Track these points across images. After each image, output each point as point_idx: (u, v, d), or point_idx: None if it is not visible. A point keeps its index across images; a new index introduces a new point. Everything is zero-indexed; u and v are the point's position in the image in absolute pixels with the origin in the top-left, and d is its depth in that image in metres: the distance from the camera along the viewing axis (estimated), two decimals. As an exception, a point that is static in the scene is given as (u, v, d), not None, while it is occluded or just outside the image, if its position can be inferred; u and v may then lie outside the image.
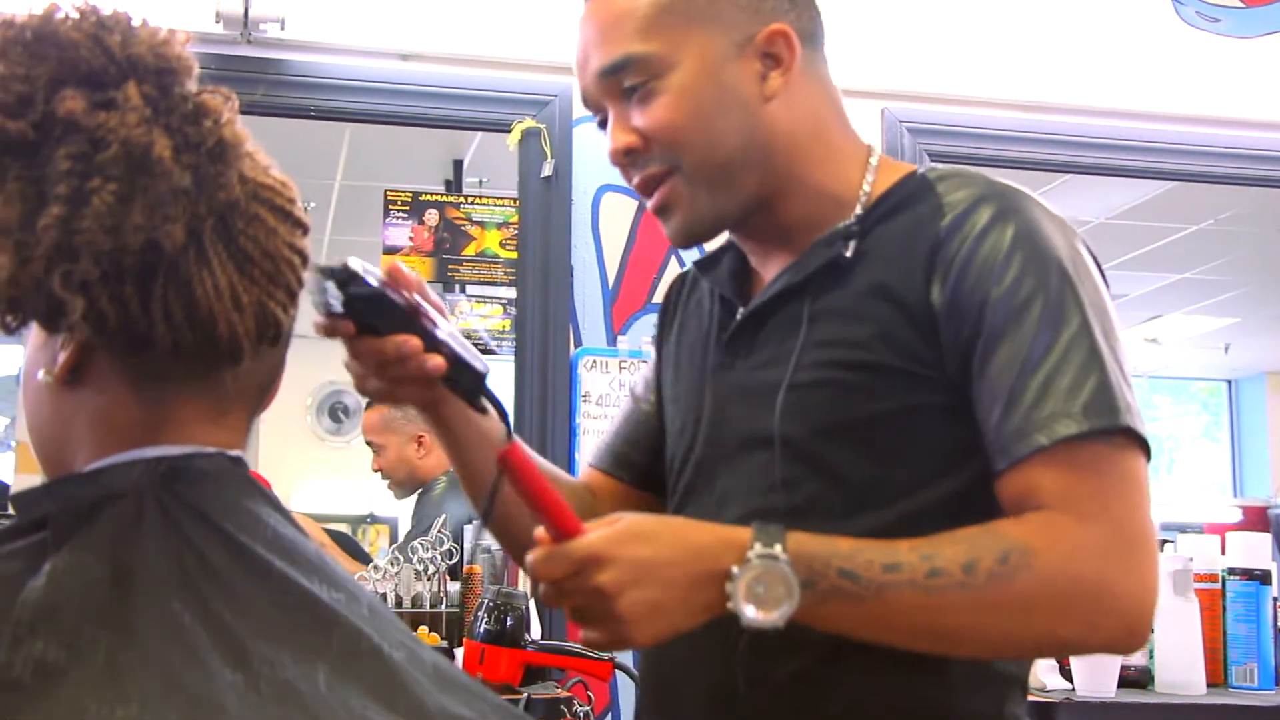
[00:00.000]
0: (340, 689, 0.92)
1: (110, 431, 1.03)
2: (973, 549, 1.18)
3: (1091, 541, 1.18)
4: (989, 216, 1.29)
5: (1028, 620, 1.18)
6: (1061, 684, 2.69)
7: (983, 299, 1.26)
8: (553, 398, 3.07)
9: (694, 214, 1.37)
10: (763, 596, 1.15)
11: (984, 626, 1.19)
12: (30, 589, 0.91)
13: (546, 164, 3.10)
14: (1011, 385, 1.23)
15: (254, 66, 2.99)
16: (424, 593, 2.92)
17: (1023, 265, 1.26)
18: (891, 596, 1.16)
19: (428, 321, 1.25)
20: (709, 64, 1.34)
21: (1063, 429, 1.20)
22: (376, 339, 1.23)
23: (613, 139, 1.38)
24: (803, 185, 1.39)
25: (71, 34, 0.97)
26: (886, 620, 1.18)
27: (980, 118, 3.39)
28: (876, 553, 1.18)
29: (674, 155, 1.35)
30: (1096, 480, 1.20)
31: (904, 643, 1.21)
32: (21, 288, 0.95)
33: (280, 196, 1.05)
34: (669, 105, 1.34)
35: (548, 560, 1.16)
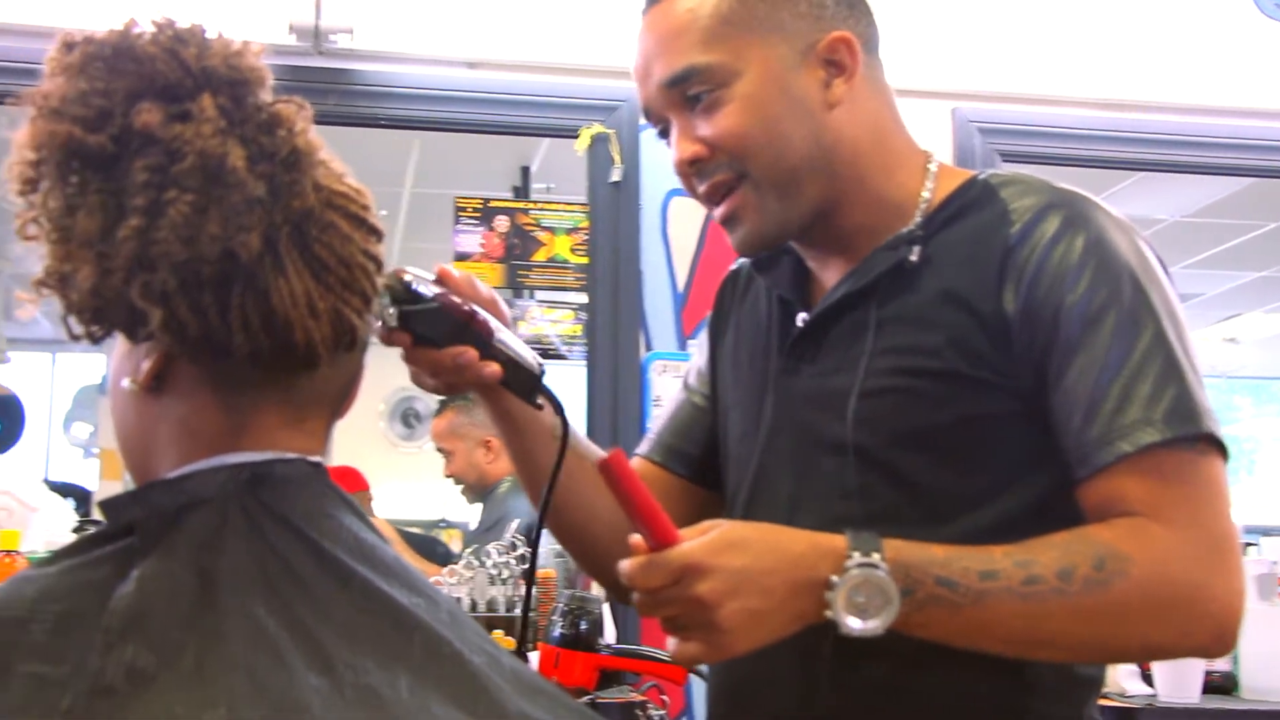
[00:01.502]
0: (422, 694, 0.93)
1: (193, 438, 1.04)
2: (1067, 555, 1.17)
3: (1182, 548, 1.18)
4: (1058, 224, 1.28)
5: (1122, 626, 1.18)
6: (1143, 689, 2.66)
7: (1056, 308, 1.25)
8: (624, 402, 3.07)
9: (762, 222, 1.36)
10: (862, 605, 1.15)
11: (1079, 633, 1.18)
12: (120, 595, 0.92)
13: (615, 169, 3.10)
14: (1091, 394, 1.22)
15: (325, 77, 3.02)
16: (499, 597, 2.93)
17: (1094, 274, 1.25)
18: (989, 604, 1.16)
19: (482, 327, 1.27)
20: (773, 72, 1.34)
21: (1146, 436, 1.19)
22: (433, 350, 1.25)
23: (678, 149, 1.37)
24: (864, 191, 1.38)
25: (148, 48, 0.98)
26: (983, 627, 1.18)
27: (1052, 116, 3.35)
28: (973, 560, 1.18)
29: (741, 163, 1.34)
30: (1181, 487, 1.20)
31: (998, 649, 1.20)
32: (104, 299, 0.96)
33: (354, 204, 1.06)
34: (736, 113, 1.33)
35: (645, 569, 1.16)
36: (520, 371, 1.31)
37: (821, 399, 1.36)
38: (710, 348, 1.61)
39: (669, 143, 1.39)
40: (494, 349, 1.28)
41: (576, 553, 1.58)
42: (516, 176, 4.78)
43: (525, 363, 1.31)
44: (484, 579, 2.93)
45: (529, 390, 1.33)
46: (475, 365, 1.26)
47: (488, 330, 1.28)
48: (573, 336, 3.22)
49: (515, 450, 1.47)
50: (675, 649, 1.19)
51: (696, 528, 1.18)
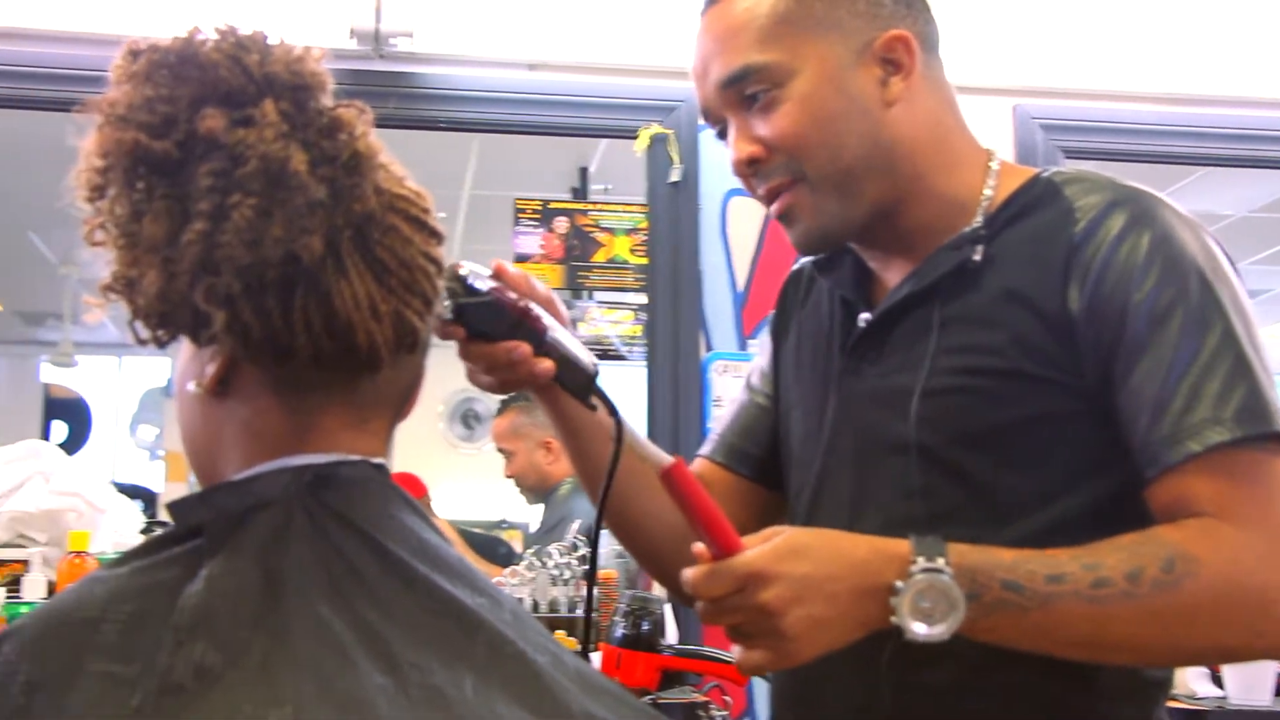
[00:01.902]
0: (486, 693, 0.93)
1: (258, 440, 1.05)
2: (1136, 557, 1.16)
3: (1252, 549, 1.16)
4: (1124, 222, 1.27)
5: (1192, 628, 1.17)
6: (1213, 691, 2.63)
7: (1122, 306, 1.24)
8: (685, 403, 3.07)
9: (818, 221, 1.36)
10: (928, 610, 1.14)
11: (1148, 635, 1.17)
12: (188, 594, 0.93)
13: (674, 169, 3.10)
14: (1158, 393, 1.21)
15: (386, 80, 3.03)
16: (560, 597, 2.94)
17: (1161, 272, 1.24)
18: (1056, 607, 1.15)
19: (536, 323, 1.27)
20: (830, 71, 1.34)
21: (1215, 435, 1.18)
22: (487, 344, 1.26)
23: (735, 149, 1.37)
24: (925, 191, 1.38)
25: (212, 55, 0.99)
26: (1050, 631, 1.17)
27: (1115, 112, 3.32)
28: (1039, 563, 1.17)
29: (798, 163, 1.34)
30: (1251, 487, 1.18)
31: (1065, 652, 1.19)
32: (169, 302, 0.97)
33: (415, 206, 1.07)
34: (792, 113, 1.33)
35: (709, 578, 1.16)
36: (574, 370, 1.31)
37: (884, 399, 1.36)
38: (773, 348, 1.60)
39: (727, 143, 1.39)
40: (548, 346, 1.28)
41: (636, 553, 1.58)
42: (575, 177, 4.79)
43: (579, 362, 1.31)
44: (545, 580, 2.94)
45: (583, 390, 1.33)
46: (528, 361, 1.27)
47: (542, 327, 1.28)
48: (633, 337, 3.22)
49: (573, 450, 1.48)
50: (740, 657, 1.19)
51: (759, 535, 1.18)
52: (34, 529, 2.65)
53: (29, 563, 2.50)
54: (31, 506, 2.65)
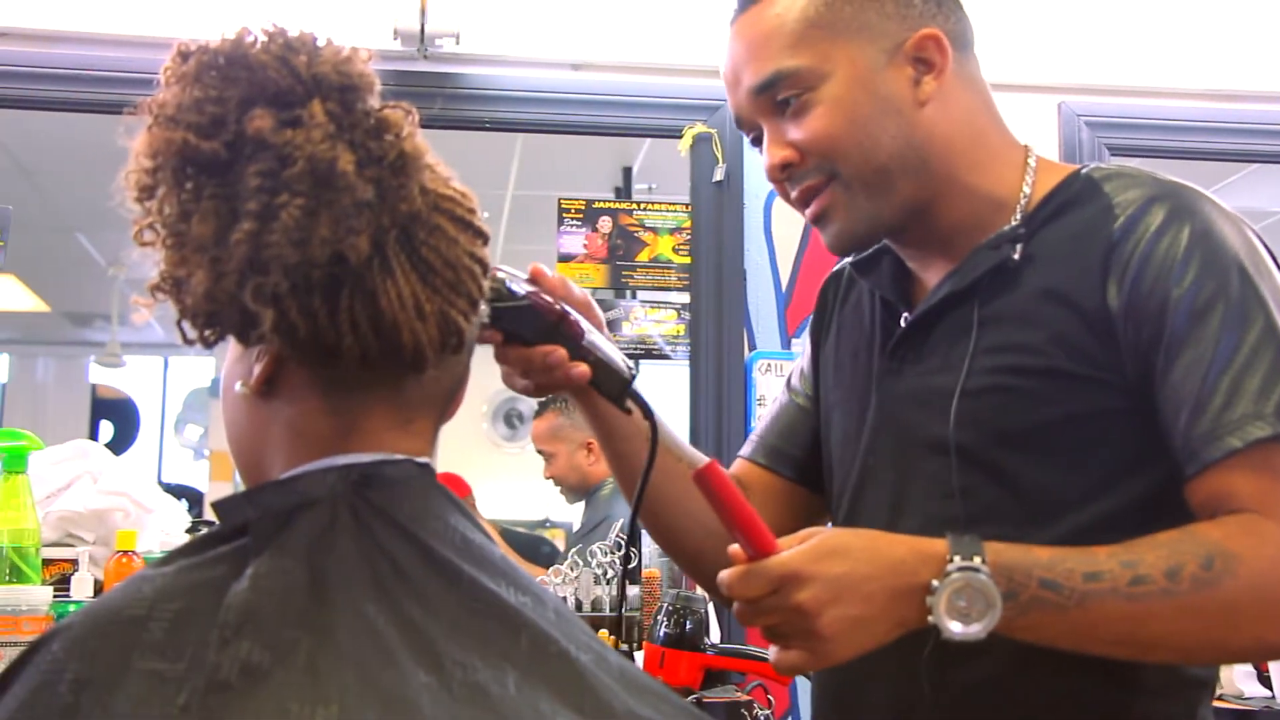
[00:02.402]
0: (530, 692, 0.93)
1: (303, 440, 1.05)
2: (1175, 554, 1.15)
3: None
4: (1163, 216, 1.26)
5: (1233, 626, 1.16)
6: (1261, 691, 2.60)
7: (1162, 301, 1.23)
8: (728, 402, 3.07)
9: (852, 221, 1.36)
10: (964, 609, 1.14)
11: (1188, 633, 1.16)
12: (234, 593, 0.94)
13: (718, 169, 3.10)
14: (1199, 389, 1.20)
15: (431, 81, 3.04)
16: (603, 596, 2.94)
17: (1201, 266, 1.23)
18: (1094, 606, 1.14)
19: (573, 327, 1.28)
20: (861, 72, 1.34)
21: (1256, 431, 1.17)
22: (524, 348, 1.27)
23: (769, 154, 1.38)
24: (961, 189, 1.37)
25: (260, 56, 1.00)
26: (1088, 629, 1.16)
27: (1161, 109, 3.29)
28: (1077, 561, 1.16)
29: (831, 164, 1.35)
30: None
31: (1104, 651, 1.19)
32: (217, 302, 0.98)
33: (460, 207, 1.07)
34: (824, 115, 1.34)
35: (745, 579, 1.16)
36: (610, 374, 1.31)
37: (924, 398, 1.36)
38: (813, 349, 1.60)
39: (761, 149, 1.40)
40: (583, 350, 1.29)
41: (675, 554, 1.58)
42: (618, 177, 4.79)
43: (615, 365, 1.32)
44: (589, 579, 2.95)
45: (618, 394, 1.33)
46: (564, 365, 1.27)
47: (578, 330, 1.29)
48: (676, 336, 3.21)
49: (610, 453, 1.49)
50: (776, 658, 1.19)
51: (795, 536, 1.18)
52: (82, 528, 2.67)
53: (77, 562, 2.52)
54: (79, 506, 2.67)
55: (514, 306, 1.23)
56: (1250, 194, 4.86)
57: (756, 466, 1.60)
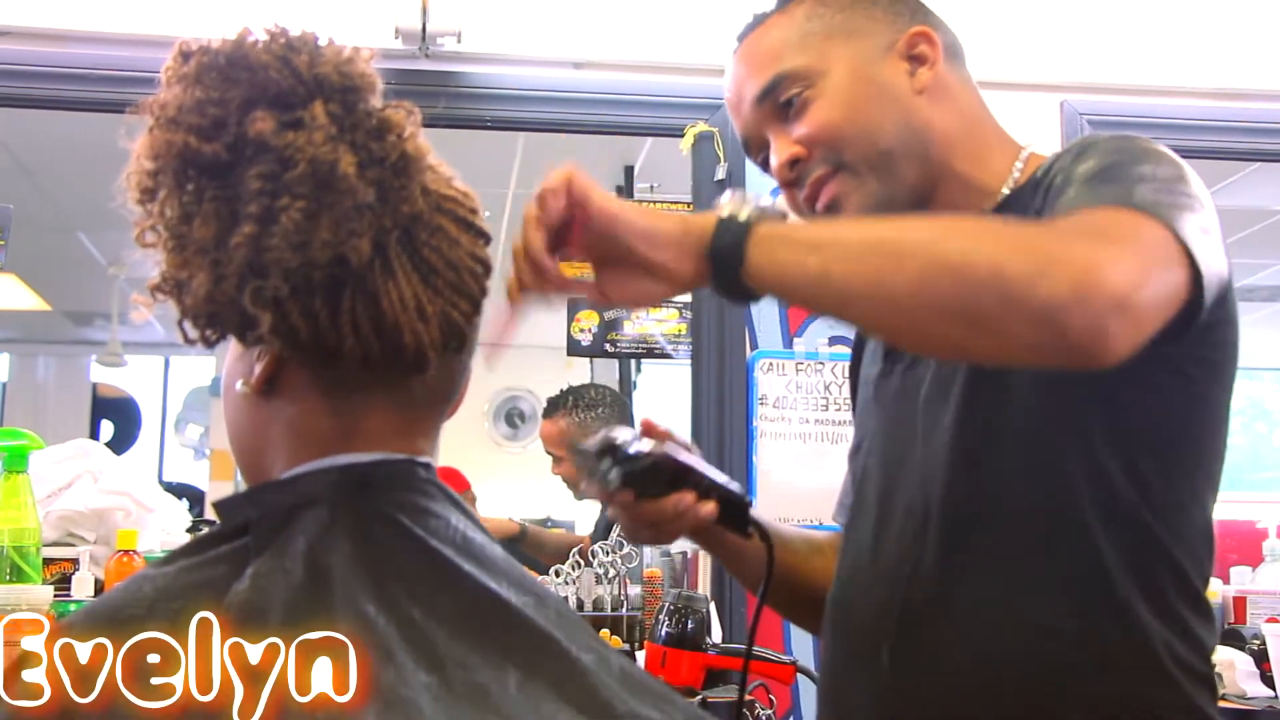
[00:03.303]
0: (531, 691, 0.93)
1: (304, 440, 1.05)
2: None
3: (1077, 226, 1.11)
4: (1085, 141, 1.30)
5: (976, 243, 1.07)
6: (1264, 691, 2.61)
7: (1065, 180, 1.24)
8: (730, 401, 3.06)
9: (863, 204, 1.37)
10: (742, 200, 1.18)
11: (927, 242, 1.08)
12: (235, 592, 0.94)
13: (720, 167, 3.10)
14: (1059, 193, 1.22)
15: (433, 80, 3.04)
16: (605, 596, 2.94)
17: (1104, 148, 1.25)
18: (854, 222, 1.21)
19: (693, 474, 1.33)
20: (858, 65, 1.38)
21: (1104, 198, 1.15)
22: (656, 501, 1.31)
23: (776, 155, 1.40)
24: (958, 180, 1.40)
25: (262, 56, 1.00)
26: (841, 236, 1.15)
27: (1163, 107, 3.29)
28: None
29: (837, 154, 1.37)
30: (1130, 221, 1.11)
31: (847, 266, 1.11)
32: (217, 304, 0.98)
33: (462, 207, 1.07)
34: (826, 106, 1.37)
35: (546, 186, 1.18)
36: (732, 506, 1.37)
37: (906, 393, 1.40)
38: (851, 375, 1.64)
39: (771, 169, 1.42)
40: (709, 488, 1.34)
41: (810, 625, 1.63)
42: (620, 176, 4.79)
43: (735, 496, 1.37)
44: (590, 578, 2.95)
45: (742, 523, 1.39)
46: (695, 509, 1.32)
47: (699, 475, 1.34)
48: (678, 335, 3.22)
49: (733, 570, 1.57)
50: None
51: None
52: (83, 528, 2.67)
53: (78, 561, 2.52)
54: (80, 505, 2.67)
55: (644, 468, 1.29)
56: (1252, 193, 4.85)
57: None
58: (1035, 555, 1.27)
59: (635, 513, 1.33)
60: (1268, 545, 3.35)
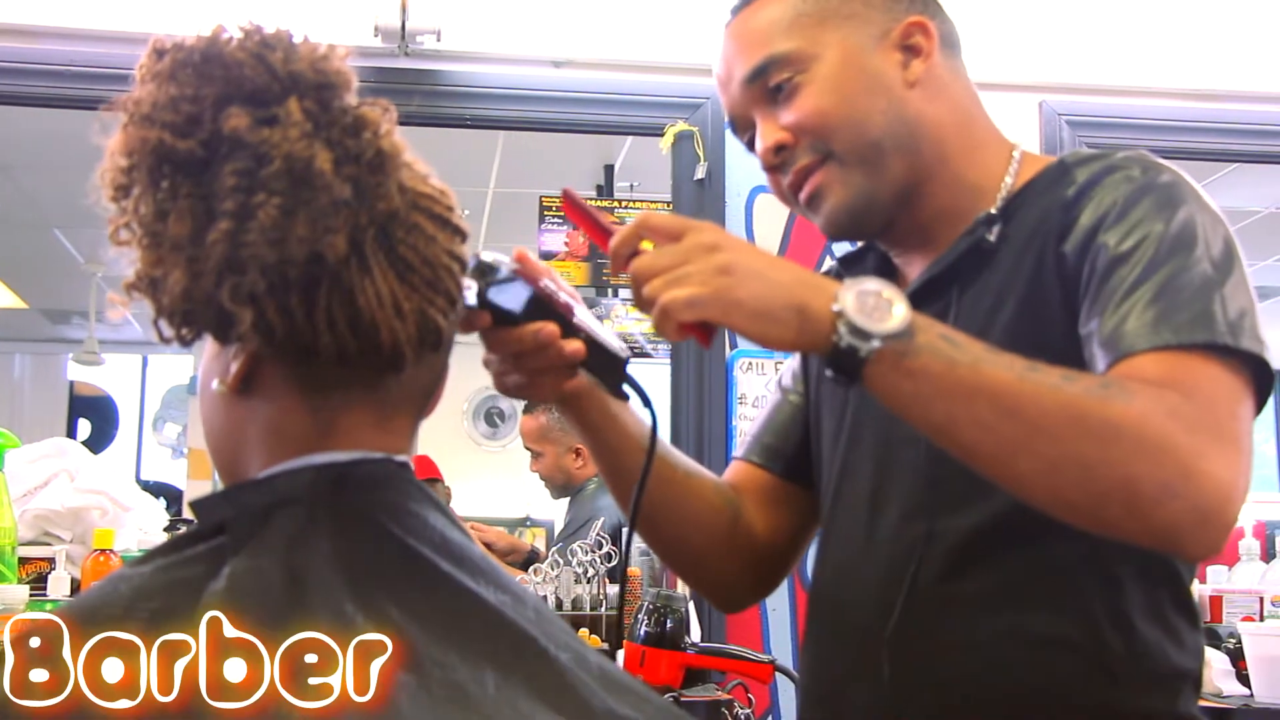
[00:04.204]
0: (509, 691, 0.93)
1: (281, 438, 1.05)
2: (1078, 374, 1.14)
3: (1192, 414, 1.11)
4: (1120, 175, 1.28)
5: (1109, 448, 1.10)
6: (1239, 689, 2.62)
7: (1104, 241, 1.24)
8: (709, 400, 3.07)
9: (847, 199, 1.36)
10: (869, 306, 1.11)
11: (1066, 433, 1.10)
12: (211, 591, 0.93)
13: (699, 166, 3.10)
14: (1119, 302, 1.19)
15: (411, 78, 3.04)
16: (584, 595, 2.94)
17: (1148, 204, 1.24)
18: (984, 371, 1.11)
19: (563, 307, 1.22)
20: (851, 53, 1.36)
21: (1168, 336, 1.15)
22: (513, 329, 1.20)
23: (762, 139, 1.38)
24: (948, 175, 1.38)
25: (237, 54, 0.99)
26: (970, 395, 1.11)
27: (1142, 108, 3.30)
28: (982, 344, 1.14)
29: (824, 142, 1.35)
30: (1201, 375, 1.14)
31: (972, 433, 1.13)
32: (194, 301, 0.97)
33: (439, 205, 1.07)
34: (815, 93, 1.35)
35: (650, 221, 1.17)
36: (604, 355, 1.25)
37: None
38: None
39: (757, 150, 1.40)
40: (575, 327, 1.22)
41: (673, 560, 1.57)
42: (600, 175, 4.80)
43: (610, 346, 1.25)
44: (569, 577, 2.95)
45: (614, 376, 1.27)
46: (556, 343, 1.20)
47: (568, 309, 1.23)
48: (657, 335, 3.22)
49: (602, 465, 1.45)
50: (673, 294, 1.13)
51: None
52: (59, 527, 2.66)
53: (54, 560, 2.51)
54: (57, 504, 2.66)
55: (501, 281, 1.18)
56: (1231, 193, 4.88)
57: (751, 465, 1.59)
58: (1037, 565, 1.26)
59: (493, 341, 1.23)
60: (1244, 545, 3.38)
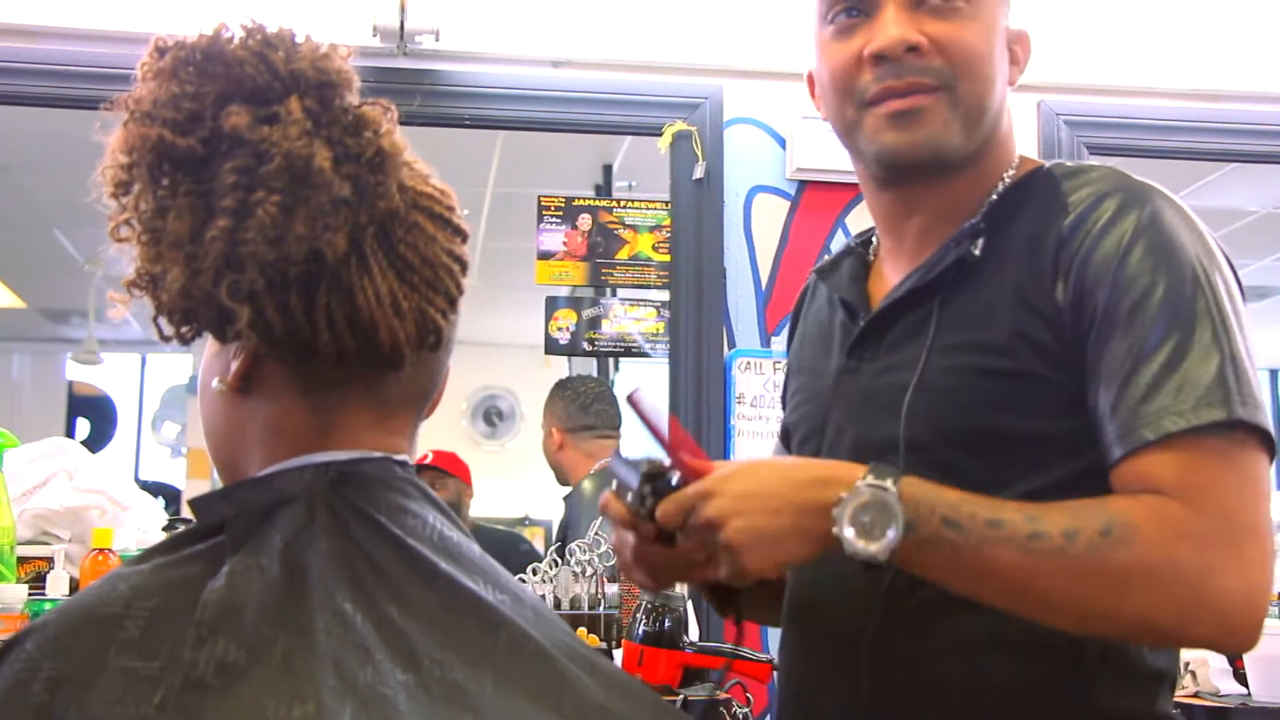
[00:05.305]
0: (507, 690, 0.93)
1: (281, 437, 1.05)
2: (1078, 518, 1.15)
3: (1199, 529, 1.14)
4: (1111, 211, 1.26)
5: (1120, 597, 1.14)
6: (1236, 688, 2.61)
7: (1102, 293, 1.23)
8: (707, 400, 3.07)
9: (943, 133, 1.34)
10: (867, 525, 1.14)
11: (1078, 596, 1.15)
12: (211, 590, 0.93)
13: (698, 166, 3.10)
14: (1125, 377, 1.20)
15: (410, 78, 3.04)
16: (582, 594, 2.94)
17: (1143, 257, 1.23)
18: (989, 552, 1.14)
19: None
20: (998, 28, 1.39)
21: (1170, 424, 1.16)
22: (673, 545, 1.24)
23: (898, 26, 1.33)
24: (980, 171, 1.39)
25: (238, 52, 0.99)
26: (982, 574, 1.16)
27: (1140, 108, 3.30)
28: (981, 507, 1.16)
29: (955, 77, 1.33)
30: (1207, 472, 1.16)
31: (998, 601, 1.18)
32: (193, 299, 0.97)
33: (439, 204, 1.07)
34: (979, 32, 1.35)
35: (669, 505, 1.19)
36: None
37: (879, 397, 1.36)
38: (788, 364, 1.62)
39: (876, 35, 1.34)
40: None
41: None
42: (599, 175, 4.79)
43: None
44: (568, 576, 2.94)
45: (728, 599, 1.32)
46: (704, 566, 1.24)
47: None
48: (656, 334, 3.21)
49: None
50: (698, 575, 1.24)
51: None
52: (58, 526, 2.66)
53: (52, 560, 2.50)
54: (55, 504, 2.65)
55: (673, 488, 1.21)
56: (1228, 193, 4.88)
57: None
58: None
59: (646, 548, 1.27)
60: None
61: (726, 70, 3.18)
